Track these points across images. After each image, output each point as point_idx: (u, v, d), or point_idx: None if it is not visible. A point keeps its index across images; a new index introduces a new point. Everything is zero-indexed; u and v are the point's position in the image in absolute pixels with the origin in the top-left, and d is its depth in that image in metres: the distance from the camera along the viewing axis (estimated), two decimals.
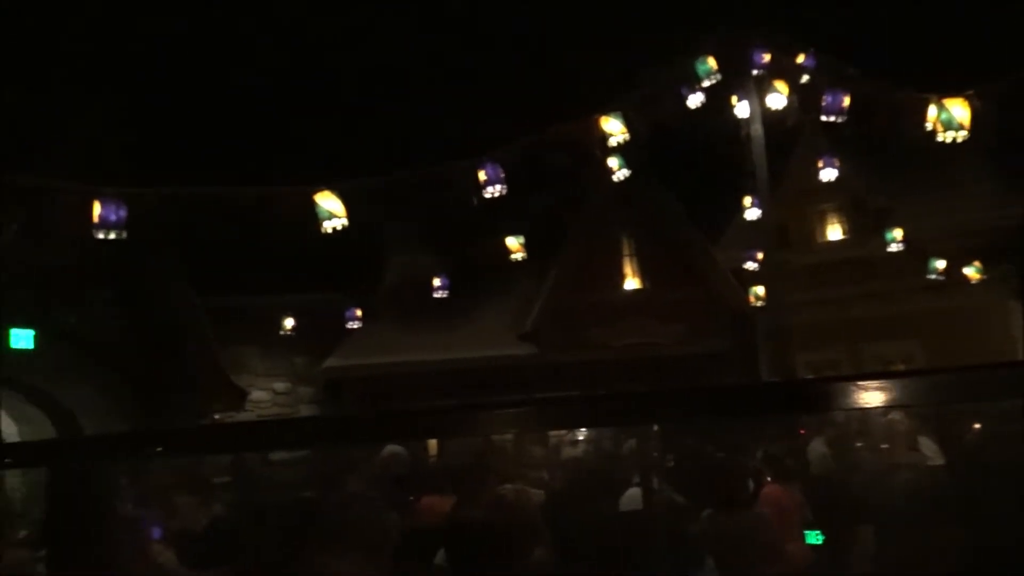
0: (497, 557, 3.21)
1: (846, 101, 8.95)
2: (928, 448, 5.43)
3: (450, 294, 13.48)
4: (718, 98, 9.88)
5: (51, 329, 11.04)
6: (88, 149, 9.79)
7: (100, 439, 4.91)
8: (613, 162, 9.68)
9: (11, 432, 12.27)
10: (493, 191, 8.73)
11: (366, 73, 13.51)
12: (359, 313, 14.08)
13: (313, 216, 8.22)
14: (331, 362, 15.07)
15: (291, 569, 3.12)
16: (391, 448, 5.38)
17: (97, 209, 7.23)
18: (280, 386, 15.57)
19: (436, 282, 13.27)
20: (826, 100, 9.02)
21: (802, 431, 6.83)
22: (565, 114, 9.09)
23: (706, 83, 9.28)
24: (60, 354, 11.46)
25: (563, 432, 7.73)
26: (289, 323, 14.27)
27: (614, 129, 8.78)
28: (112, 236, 7.30)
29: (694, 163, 14.41)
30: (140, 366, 12.32)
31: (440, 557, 3.51)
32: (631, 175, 9.96)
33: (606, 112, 8.77)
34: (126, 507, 4.37)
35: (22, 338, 10.77)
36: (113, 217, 7.20)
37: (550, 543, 3.73)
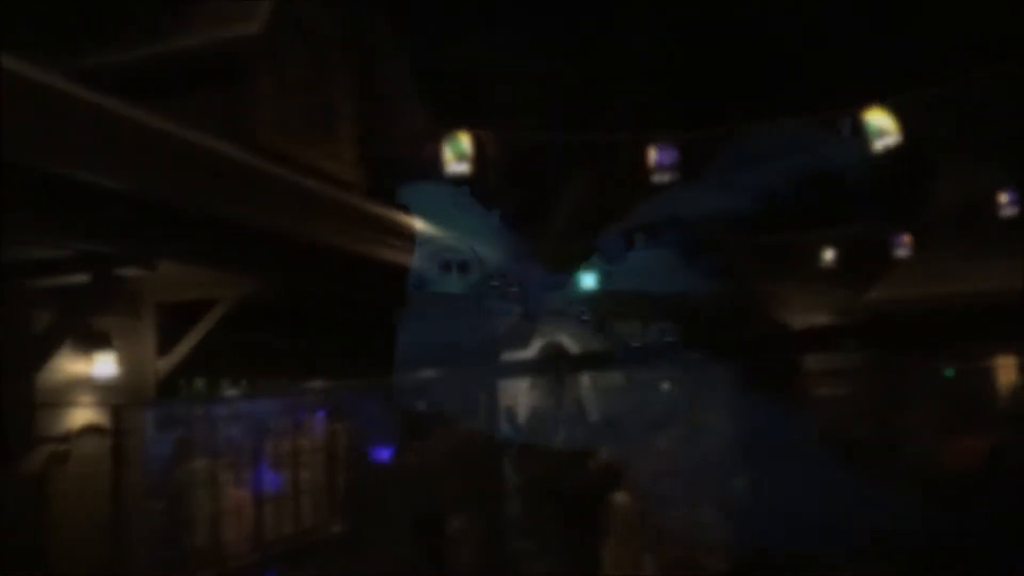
0: None
1: None
2: None
3: (1021, 210, 11.66)
4: None
5: (606, 271, 12.20)
6: (637, 103, 10.55)
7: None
8: None
9: None
10: None
11: None
12: (908, 240, 13.03)
13: (862, 137, 7.75)
14: (876, 294, 14.23)
15: None
16: None
17: (653, 155, 7.72)
18: (821, 320, 15.25)
19: (1003, 198, 11.57)
20: None
21: None
22: None
23: None
24: (614, 293, 12.64)
25: None
26: (829, 255, 13.92)
27: None
28: (667, 179, 7.75)
29: None
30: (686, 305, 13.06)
31: None
32: None
33: None
34: None
35: (589, 280, 12.07)
36: (668, 161, 7.63)
37: None
